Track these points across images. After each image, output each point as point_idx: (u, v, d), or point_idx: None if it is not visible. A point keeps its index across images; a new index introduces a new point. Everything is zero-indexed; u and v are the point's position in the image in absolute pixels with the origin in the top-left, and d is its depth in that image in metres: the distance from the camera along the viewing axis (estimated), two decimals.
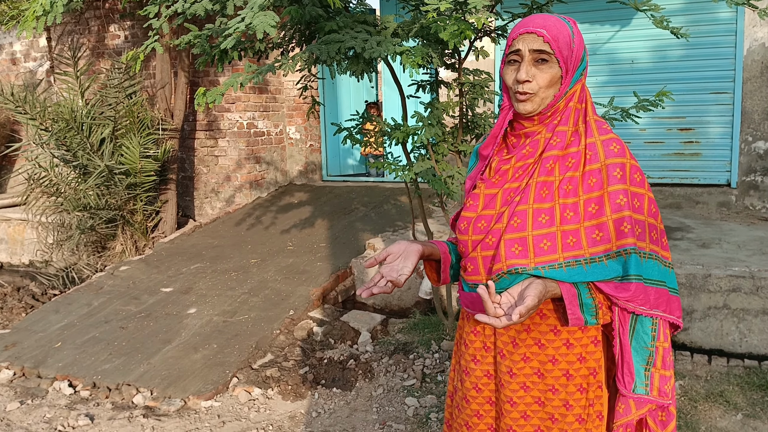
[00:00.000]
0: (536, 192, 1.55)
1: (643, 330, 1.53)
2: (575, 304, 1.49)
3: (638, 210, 1.51)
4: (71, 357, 4.34)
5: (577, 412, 1.59)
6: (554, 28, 1.50)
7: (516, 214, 1.55)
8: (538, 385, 1.61)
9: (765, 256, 4.59)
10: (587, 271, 1.49)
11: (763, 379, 3.73)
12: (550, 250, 1.50)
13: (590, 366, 1.59)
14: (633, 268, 1.49)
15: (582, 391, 1.59)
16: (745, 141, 6.13)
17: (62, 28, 8.37)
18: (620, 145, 1.54)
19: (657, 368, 1.54)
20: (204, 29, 3.40)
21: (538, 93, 1.52)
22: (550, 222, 1.52)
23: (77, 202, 6.56)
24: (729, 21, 6.05)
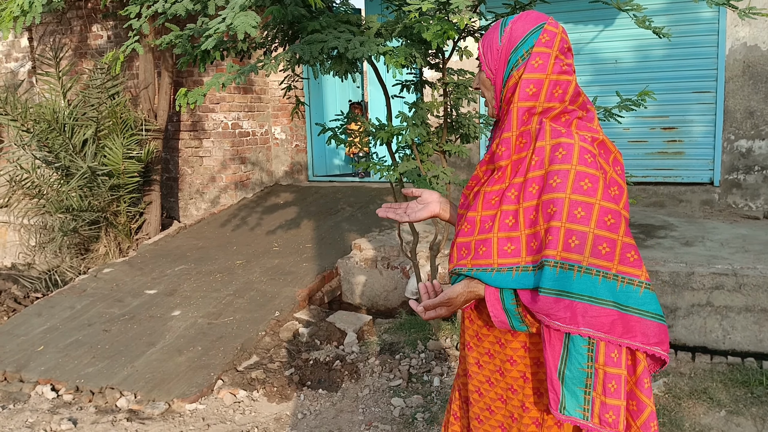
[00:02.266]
0: (484, 200, 1.58)
1: (575, 349, 1.45)
2: (498, 308, 1.52)
3: (581, 220, 1.42)
4: (54, 361, 4.29)
5: (533, 415, 1.59)
6: (487, 35, 1.59)
7: (467, 220, 1.61)
8: (500, 383, 1.64)
9: (748, 253, 4.63)
10: (514, 278, 1.48)
11: (746, 376, 3.76)
12: (485, 255, 1.53)
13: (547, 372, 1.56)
14: (544, 281, 1.43)
15: (538, 395, 1.58)
16: (727, 140, 6.18)
17: (44, 28, 8.28)
18: (567, 149, 1.46)
19: (598, 393, 1.45)
20: (185, 29, 3.37)
21: (486, 96, 1.62)
22: (490, 228, 1.54)
23: (60, 204, 6.50)
24: (711, 21, 6.09)
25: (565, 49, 1.54)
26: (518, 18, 1.55)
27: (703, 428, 3.29)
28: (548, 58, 1.50)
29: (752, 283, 4.13)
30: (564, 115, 1.54)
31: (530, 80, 1.50)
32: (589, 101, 1.62)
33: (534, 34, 1.51)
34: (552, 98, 1.52)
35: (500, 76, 1.55)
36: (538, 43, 1.50)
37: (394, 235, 5.65)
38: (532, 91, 1.50)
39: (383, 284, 5.28)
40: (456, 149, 3.87)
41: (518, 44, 1.52)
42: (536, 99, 1.51)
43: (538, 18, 1.54)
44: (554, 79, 1.51)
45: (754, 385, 3.65)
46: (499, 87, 1.56)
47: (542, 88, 1.51)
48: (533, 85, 1.50)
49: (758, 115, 6.03)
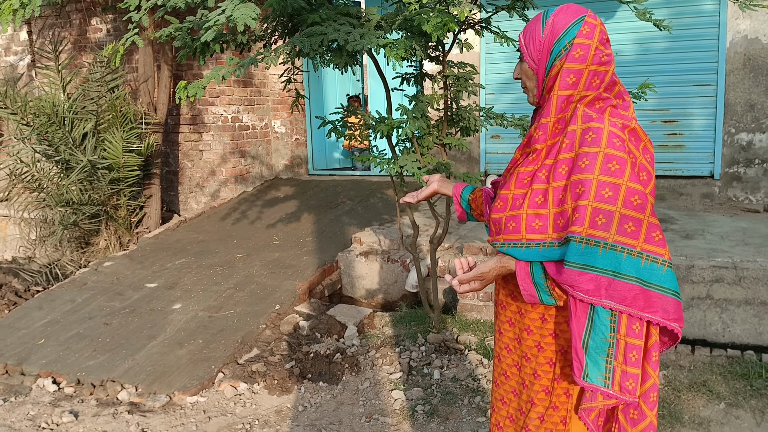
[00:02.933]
0: (517, 179, 1.69)
1: (600, 321, 1.53)
2: (528, 281, 1.63)
3: (608, 200, 1.50)
4: (55, 354, 4.30)
5: (543, 383, 1.71)
6: (528, 30, 1.65)
7: (500, 198, 1.72)
8: (516, 350, 1.79)
9: (747, 246, 4.63)
10: (541, 251, 1.60)
11: (746, 369, 3.76)
12: (514, 230, 1.64)
13: (560, 344, 1.68)
14: (569, 255, 1.53)
15: (550, 365, 1.70)
16: (728, 133, 6.17)
17: (43, 22, 8.26)
18: (596, 133, 1.54)
19: (619, 362, 1.54)
20: (185, 22, 3.36)
21: (528, 86, 1.70)
22: (520, 206, 1.65)
23: (60, 197, 6.49)
24: (712, 13, 6.08)
25: (604, 40, 1.61)
26: (559, 10, 1.62)
27: (702, 421, 3.30)
28: (588, 49, 1.58)
29: (752, 276, 4.13)
30: (598, 101, 1.62)
31: (571, 70, 1.59)
32: (626, 91, 1.69)
33: (575, 26, 1.59)
34: (590, 87, 1.60)
35: (543, 66, 1.63)
36: (579, 35, 1.58)
37: (395, 229, 5.65)
38: (572, 80, 1.59)
39: (383, 277, 5.29)
40: (456, 142, 3.87)
41: (560, 35, 1.60)
42: (575, 88, 1.59)
43: (579, 11, 1.62)
44: (593, 70, 1.59)
45: (754, 378, 3.66)
46: (541, 76, 1.64)
47: (582, 77, 1.59)
48: (573, 75, 1.59)
49: (759, 108, 6.02)
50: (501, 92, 7.00)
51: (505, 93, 6.97)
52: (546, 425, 1.70)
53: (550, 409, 1.70)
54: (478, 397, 3.60)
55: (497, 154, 7.18)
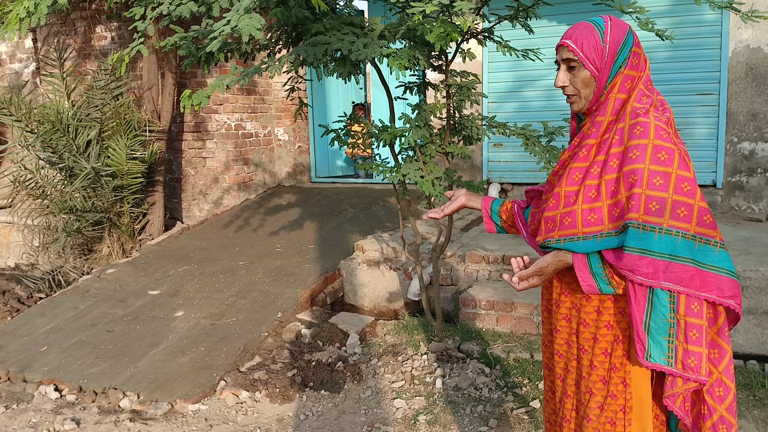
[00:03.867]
0: (568, 177, 1.76)
1: (660, 302, 1.62)
2: (586, 272, 1.70)
3: (660, 187, 1.59)
4: (57, 361, 4.31)
5: (600, 373, 1.76)
6: (580, 36, 1.72)
7: (553, 195, 1.79)
8: (575, 344, 1.83)
9: (750, 255, 4.62)
10: (599, 242, 1.68)
11: (749, 379, 3.75)
12: (570, 225, 1.71)
13: (616, 334, 1.74)
14: (628, 240, 1.61)
15: (606, 355, 1.76)
16: (730, 142, 6.17)
17: (48, 29, 8.31)
18: (644, 127, 1.64)
19: (680, 341, 1.62)
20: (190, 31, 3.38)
21: (580, 94, 1.76)
22: (574, 201, 1.72)
23: (63, 204, 6.51)
24: (714, 23, 6.09)
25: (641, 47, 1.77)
26: (610, 21, 1.74)
27: None
28: (640, 57, 1.73)
29: (755, 285, 4.13)
30: (644, 98, 1.72)
31: (629, 76, 1.71)
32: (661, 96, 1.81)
33: (630, 36, 1.73)
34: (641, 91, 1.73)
35: (606, 73, 1.71)
36: (634, 44, 1.73)
37: (397, 237, 5.65)
38: (629, 85, 1.72)
39: (386, 285, 5.29)
40: (459, 151, 3.88)
41: (622, 45, 1.71)
42: (630, 92, 1.71)
43: (622, 22, 1.76)
44: (647, 75, 1.74)
45: (756, 388, 3.65)
46: (603, 83, 1.72)
47: (636, 82, 1.72)
48: (630, 81, 1.71)
49: (761, 118, 6.03)
50: (504, 101, 7.01)
51: (508, 102, 6.98)
52: (606, 413, 1.76)
53: (608, 398, 1.75)
54: (480, 406, 3.59)
55: (500, 162, 7.19)
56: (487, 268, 5.02)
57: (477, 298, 4.66)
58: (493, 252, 5.05)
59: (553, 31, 6.49)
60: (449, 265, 5.09)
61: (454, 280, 5.06)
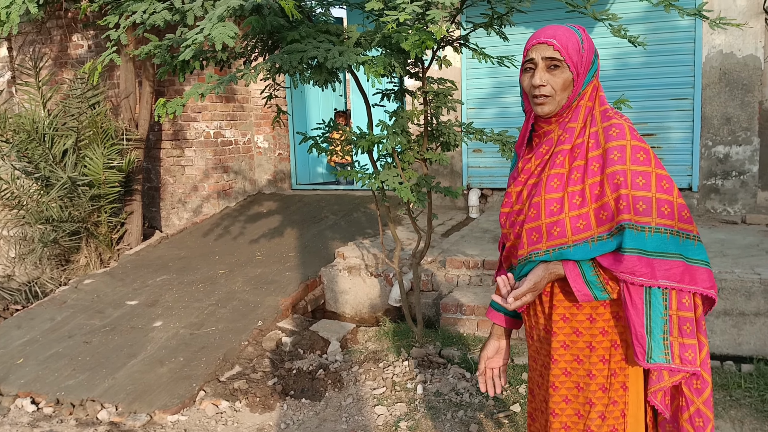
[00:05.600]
0: (547, 184, 1.72)
1: (656, 300, 1.62)
2: (579, 281, 1.67)
3: (643, 187, 1.61)
4: (34, 373, 4.25)
5: (600, 381, 1.73)
6: (563, 37, 1.68)
7: (532, 206, 1.73)
8: (564, 356, 1.77)
9: (726, 257, 4.69)
10: (592, 248, 1.65)
11: (725, 379, 3.80)
12: (559, 235, 1.68)
13: (612, 339, 1.72)
14: (626, 242, 1.60)
15: (604, 362, 1.73)
16: (705, 146, 6.26)
17: (23, 38, 8.22)
18: (619, 128, 1.67)
19: (675, 336, 1.63)
20: (164, 39, 3.37)
21: (555, 96, 1.69)
22: (559, 210, 1.68)
23: (39, 214, 6.43)
24: (688, 29, 6.19)
25: None
26: (581, 29, 1.75)
27: None
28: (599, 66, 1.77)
29: (730, 287, 4.18)
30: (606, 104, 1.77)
31: (596, 85, 1.75)
32: None
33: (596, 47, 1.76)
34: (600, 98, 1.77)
35: (582, 79, 1.70)
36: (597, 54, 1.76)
37: (377, 243, 5.65)
38: (594, 94, 1.74)
39: (367, 292, 5.29)
40: (436, 157, 3.89)
41: (594, 54, 1.73)
42: (594, 100, 1.74)
43: None
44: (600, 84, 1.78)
45: (733, 388, 3.69)
46: (578, 88, 1.70)
47: (597, 91, 1.76)
48: (595, 90, 1.75)
49: (735, 121, 6.12)
50: (482, 107, 7.06)
51: (487, 107, 7.03)
52: (608, 422, 1.73)
53: (610, 405, 1.73)
54: (461, 411, 3.60)
55: (480, 168, 7.23)
56: (467, 273, 5.04)
57: (458, 303, 4.68)
58: (474, 257, 5.07)
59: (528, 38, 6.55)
60: (430, 270, 5.10)
61: (435, 285, 5.07)
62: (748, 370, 3.90)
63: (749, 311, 4.15)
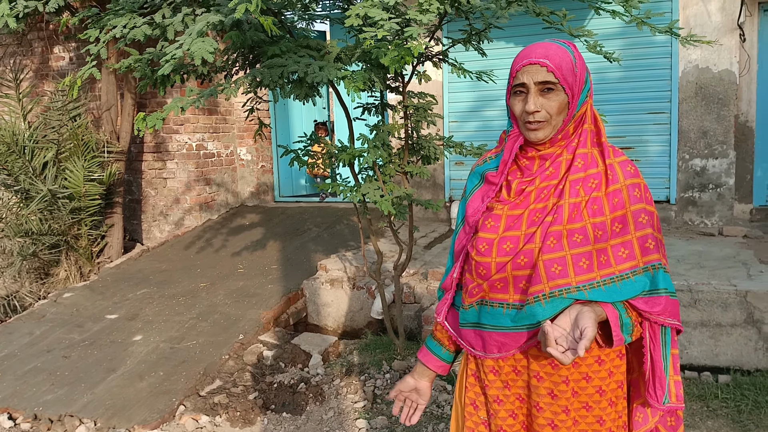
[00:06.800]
0: (569, 213, 1.55)
1: (668, 340, 1.58)
2: (618, 326, 1.52)
3: (656, 228, 1.58)
4: (11, 388, 4.19)
5: (608, 426, 1.63)
6: (556, 57, 1.53)
7: (551, 234, 1.55)
8: (574, 404, 1.61)
9: (703, 269, 4.75)
10: (620, 288, 1.52)
11: (702, 390, 3.84)
12: (588, 269, 1.53)
13: (618, 380, 1.63)
14: (662, 282, 1.55)
15: (612, 405, 1.63)
16: (682, 159, 6.36)
17: (4, 50, 8.17)
18: (633, 167, 1.61)
19: (671, 375, 1.59)
20: (145, 53, 3.38)
21: (550, 121, 1.54)
22: (585, 241, 1.53)
23: (19, 227, 6.37)
24: (664, 44, 6.30)
25: None
26: (572, 45, 1.61)
27: None
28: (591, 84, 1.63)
29: (707, 298, 4.24)
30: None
31: (589, 103, 1.61)
32: None
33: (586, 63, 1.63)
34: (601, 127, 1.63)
35: (577, 100, 1.56)
36: None
37: (359, 256, 5.66)
38: (594, 116, 1.62)
39: (349, 305, 5.29)
40: (417, 170, 3.92)
41: (587, 70, 1.60)
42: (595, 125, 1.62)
43: None
44: None
45: (710, 399, 3.74)
46: (573, 110, 1.56)
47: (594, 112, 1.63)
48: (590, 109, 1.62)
49: (711, 135, 6.23)
50: (464, 120, 7.12)
51: (469, 121, 7.09)
52: None
53: None
54: (442, 423, 3.61)
55: (461, 180, 7.28)
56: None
57: None
58: None
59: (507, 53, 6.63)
60: (412, 283, 5.12)
61: (417, 297, 5.09)
62: (725, 381, 3.95)
63: (726, 322, 4.21)
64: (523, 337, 1.58)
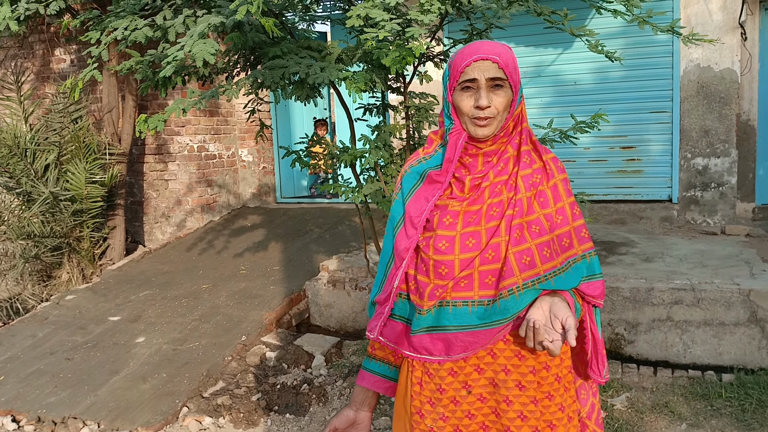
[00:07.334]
0: (527, 205, 1.59)
1: (598, 320, 1.68)
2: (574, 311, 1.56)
3: (580, 215, 1.64)
4: (15, 391, 4.20)
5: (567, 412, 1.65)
6: (504, 54, 1.54)
7: (515, 227, 1.56)
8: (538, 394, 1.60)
9: (705, 268, 4.75)
10: (573, 274, 1.59)
11: (706, 389, 3.84)
12: (550, 257, 1.56)
13: (567, 365, 1.67)
14: (597, 268, 1.64)
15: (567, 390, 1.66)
16: (684, 158, 6.35)
17: (5, 53, 8.18)
18: (561, 163, 1.69)
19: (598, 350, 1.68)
20: (146, 55, 3.38)
21: (497, 117, 1.55)
22: (543, 231, 1.58)
23: (21, 230, 6.38)
24: (666, 43, 6.29)
25: None
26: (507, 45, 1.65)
27: None
28: None
29: (710, 297, 4.24)
30: None
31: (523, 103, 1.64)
32: None
33: None
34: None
35: (516, 98, 1.58)
36: None
37: (362, 257, 5.66)
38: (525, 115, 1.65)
39: (351, 305, 5.29)
40: None
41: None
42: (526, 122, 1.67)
43: None
44: None
45: (714, 398, 3.73)
46: (514, 107, 1.58)
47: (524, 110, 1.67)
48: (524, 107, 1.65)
49: (713, 134, 6.22)
50: None
51: None
52: None
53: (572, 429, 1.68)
54: None
55: None
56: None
57: None
58: None
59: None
60: None
61: None
62: (729, 380, 3.94)
63: (729, 321, 4.20)
64: (492, 334, 1.56)
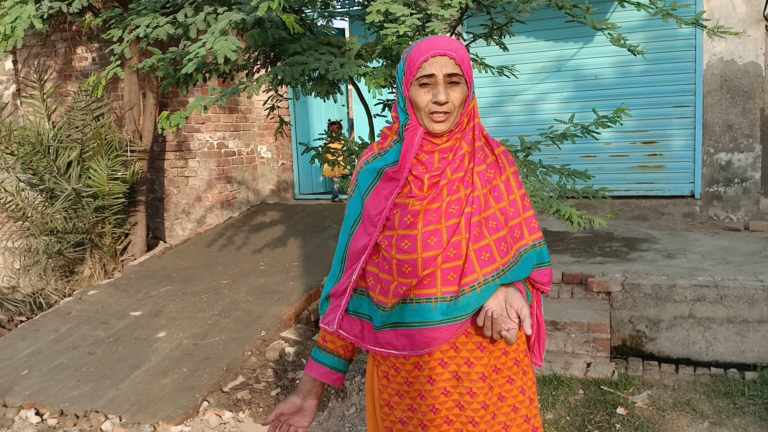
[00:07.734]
0: (484, 202, 1.61)
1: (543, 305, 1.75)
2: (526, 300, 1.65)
3: (530, 206, 1.70)
4: (38, 384, 4.26)
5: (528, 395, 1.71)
6: (461, 50, 1.56)
7: (474, 225, 1.58)
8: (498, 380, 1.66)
9: (728, 265, 4.69)
10: (524, 265, 1.64)
11: (729, 387, 3.79)
12: (506, 251, 1.61)
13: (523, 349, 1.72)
14: (546, 257, 1.70)
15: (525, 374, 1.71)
16: (707, 153, 6.27)
17: (28, 51, 8.29)
18: (511, 155, 1.74)
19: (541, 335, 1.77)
20: (167, 52, 3.40)
21: (453, 112, 1.56)
22: (499, 226, 1.62)
23: (44, 226, 6.47)
24: (688, 36, 6.21)
25: None
26: None
27: None
28: None
29: (733, 294, 4.18)
30: None
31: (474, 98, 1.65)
32: None
33: None
34: None
35: (470, 94, 1.60)
36: None
37: None
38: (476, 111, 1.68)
39: None
40: None
41: None
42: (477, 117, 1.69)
43: None
44: None
45: (737, 396, 3.68)
46: (468, 103, 1.60)
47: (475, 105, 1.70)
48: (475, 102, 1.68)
49: (736, 128, 6.13)
50: (485, 116, 7.08)
51: (490, 116, 7.05)
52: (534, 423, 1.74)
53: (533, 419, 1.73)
54: None
55: None
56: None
57: None
58: None
59: (529, 48, 6.57)
60: None
61: None
62: (752, 378, 3.89)
63: (752, 318, 4.15)
64: (455, 329, 1.58)
